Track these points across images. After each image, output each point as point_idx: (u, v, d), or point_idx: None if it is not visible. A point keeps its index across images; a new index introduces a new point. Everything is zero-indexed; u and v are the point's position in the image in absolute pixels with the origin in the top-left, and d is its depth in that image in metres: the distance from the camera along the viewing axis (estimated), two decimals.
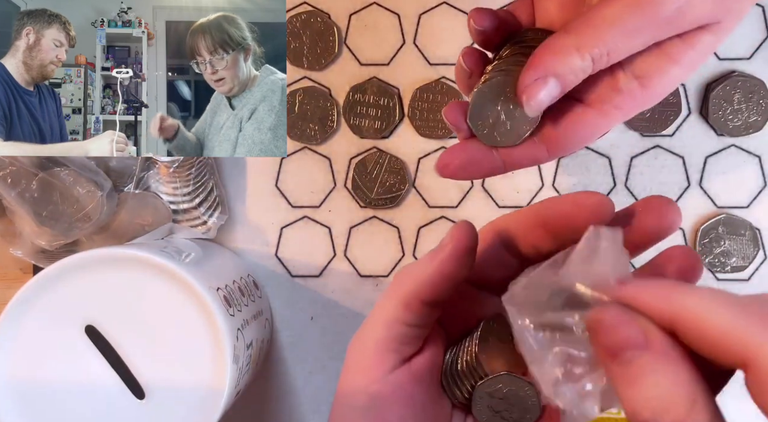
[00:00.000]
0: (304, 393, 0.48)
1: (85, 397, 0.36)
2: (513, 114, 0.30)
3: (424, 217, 0.48)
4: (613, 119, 0.30)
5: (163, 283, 0.36)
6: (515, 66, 0.29)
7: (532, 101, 0.28)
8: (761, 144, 0.47)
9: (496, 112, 0.30)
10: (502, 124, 0.30)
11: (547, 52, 0.28)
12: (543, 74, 0.27)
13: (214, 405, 0.35)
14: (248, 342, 0.39)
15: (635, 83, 0.29)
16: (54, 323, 0.36)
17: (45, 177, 0.42)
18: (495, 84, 0.30)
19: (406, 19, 0.47)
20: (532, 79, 0.28)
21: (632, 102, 0.29)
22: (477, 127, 0.30)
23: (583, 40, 0.27)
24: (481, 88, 0.30)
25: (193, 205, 0.45)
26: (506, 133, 0.30)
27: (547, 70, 0.27)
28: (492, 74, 0.30)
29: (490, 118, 0.30)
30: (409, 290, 0.27)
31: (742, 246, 0.47)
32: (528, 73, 0.28)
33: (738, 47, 0.47)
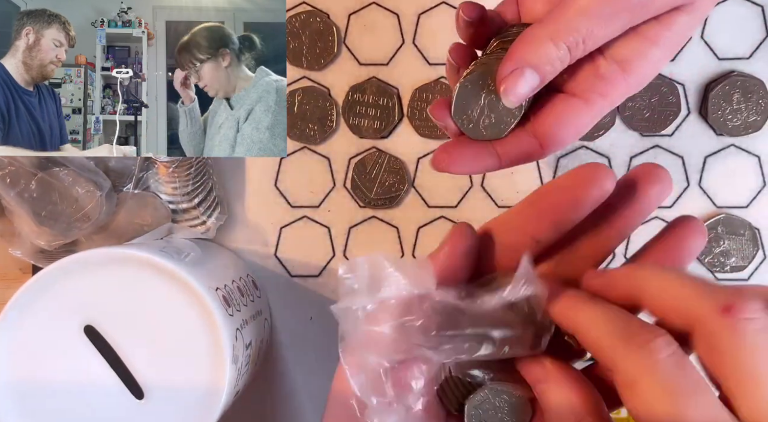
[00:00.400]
0: (303, 393, 0.48)
1: (84, 397, 0.36)
2: (496, 106, 0.30)
3: (424, 217, 0.48)
4: (599, 108, 0.30)
5: (162, 283, 0.36)
6: (495, 59, 0.30)
7: (510, 92, 0.28)
8: (760, 144, 0.47)
9: (479, 105, 0.30)
10: (486, 117, 0.30)
11: (522, 44, 0.28)
12: (519, 65, 0.28)
13: (213, 405, 0.35)
14: (247, 342, 0.39)
15: (616, 68, 0.29)
16: (53, 323, 0.36)
17: (44, 177, 0.43)
18: (475, 77, 0.30)
19: (406, 18, 0.47)
20: (509, 71, 0.28)
21: (616, 88, 0.30)
22: (462, 121, 0.30)
23: (557, 29, 0.27)
24: (462, 83, 0.30)
25: (193, 204, 0.45)
26: (491, 126, 0.30)
27: (523, 61, 0.28)
28: (473, 68, 0.31)
29: (474, 112, 0.30)
30: None
31: (742, 246, 0.47)
32: (505, 64, 0.28)
33: (737, 47, 0.47)
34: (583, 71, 0.30)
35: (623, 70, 0.29)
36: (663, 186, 0.26)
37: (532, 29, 0.28)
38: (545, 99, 0.31)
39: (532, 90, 0.28)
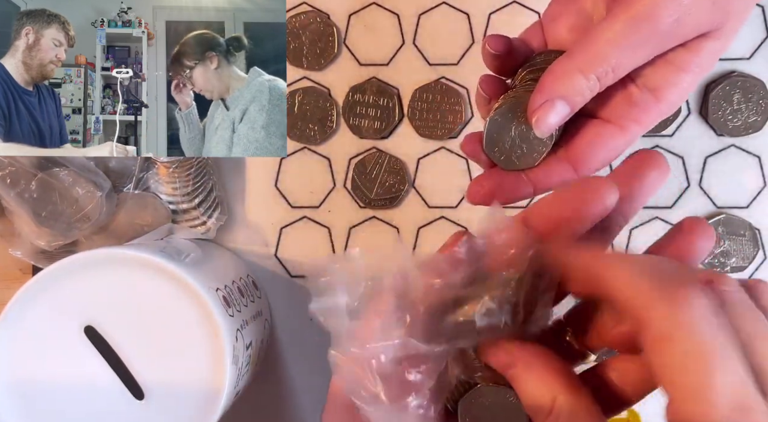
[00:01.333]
0: (303, 393, 0.48)
1: (84, 397, 0.36)
2: (527, 136, 0.31)
3: (424, 217, 0.48)
4: (632, 133, 0.31)
5: (162, 284, 0.36)
6: (524, 91, 0.30)
7: (542, 123, 0.29)
8: (761, 144, 0.47)
9: (510, 137, 0.31)
10: (518, 147, 0.31)
11: (552, 77, 0.29)
12: (550, 97, 0.28)
13: (213, 406, 0.35)
14: (247, 343, 0.39)
15: (649, 96, 0.30)
16: (53, 323, 0.36)
17: (44, 177, 0.43)
18: (505, 110, 0.31)
19: (406, 19, 0.47)
20: (539, 103, 0.29)
21: (649, 115, 0.30)
22: (493, 154, 0.31)
23: (586, 61, 0.28)
24: (493, 117, 0.31)
25: (193, 205, 0.45)
26: (523, 156, 0.31)
27: (553, 93, 0.28)
28: (502, 101, 0.31)
29: (506, 144, 0.31)
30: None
31: (742, 247, 0.47)
32: (536, 97, 0.29)
33: (738, 47, 0.47)
34: (616, 98, 0.31)
35: (656, 98, 0.30)
36: (661, 170, 0.26)
37: (561, 62, 0.28)
38: (576, 124, 0.31)
39: (563, 120, 0.29)
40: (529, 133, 0.30)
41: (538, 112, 0.29)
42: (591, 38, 0.28)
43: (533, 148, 0.31)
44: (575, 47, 0.28)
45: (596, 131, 0.31)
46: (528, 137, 0.31)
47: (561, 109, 0.29)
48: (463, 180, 0.47)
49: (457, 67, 0.47)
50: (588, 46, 0.28)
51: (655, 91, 0.30)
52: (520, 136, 0.31)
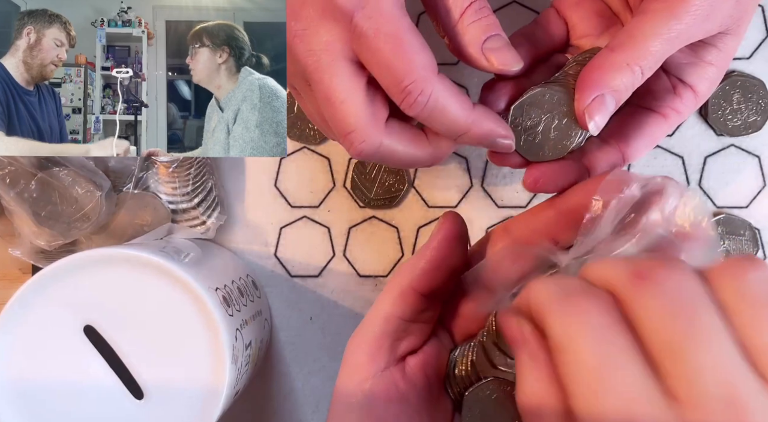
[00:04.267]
0: (303, 393, 0.48)
1: (83, 397, 0.36)
2: (559, 127, 0.31)
3: (424, 217, 0.48)
4: (673, 121, 0.33)
5: (162, 283, 0.36)
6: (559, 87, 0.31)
7: (594, 119, 0.29)
8: (761, 144, 0.47)
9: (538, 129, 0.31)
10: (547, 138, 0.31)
11: (600, 71, 0.29)
12: (599, 92, 0.29)
13: (213, 406, 0.35)
14: (247, 343, 0.39)
15: (690, 90, 0.32)
16: (53, 323, 0.36)
17: (44, 177, 0.43)
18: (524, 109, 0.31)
19: None
20: (590, 99, 0.29)
21: (688, 106, 0.33)
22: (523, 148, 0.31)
23: (632, 54, 0.28)
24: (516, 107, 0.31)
25: (192, 204, 0.45)
26: (553, 147, 0.31)
27: (603, 87, 0.28)
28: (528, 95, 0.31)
29: (535, 137, 0.31)
30: (404, 282, 0.28)
31: (742, 247, 0.47)
32: (585, 93, 0.29)
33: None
34: (659, 89, 0.33)
35: (694, 92, 0.33)
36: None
37: (606, 56, 0.29)
38: (620, 113, 0.32)
39: (611, 113, 0.29)
40: (557, 123, 0.30)
41: (589, 109, 0.29)
42: (633, 32, 0.28)
43: (562, 137, 0.31)
44: (617, 41, 0.29)
45: (642, 119, 0.33)
46: (561, 127, 0.31)
47: (610, 103, 0.29)
48: (464, 180, 0.47)
49: (456, 67, 0.47)
50: (632, 39, 0.28)
51: (689, 83, 0.32)
52: (551, 128, 0.31)
